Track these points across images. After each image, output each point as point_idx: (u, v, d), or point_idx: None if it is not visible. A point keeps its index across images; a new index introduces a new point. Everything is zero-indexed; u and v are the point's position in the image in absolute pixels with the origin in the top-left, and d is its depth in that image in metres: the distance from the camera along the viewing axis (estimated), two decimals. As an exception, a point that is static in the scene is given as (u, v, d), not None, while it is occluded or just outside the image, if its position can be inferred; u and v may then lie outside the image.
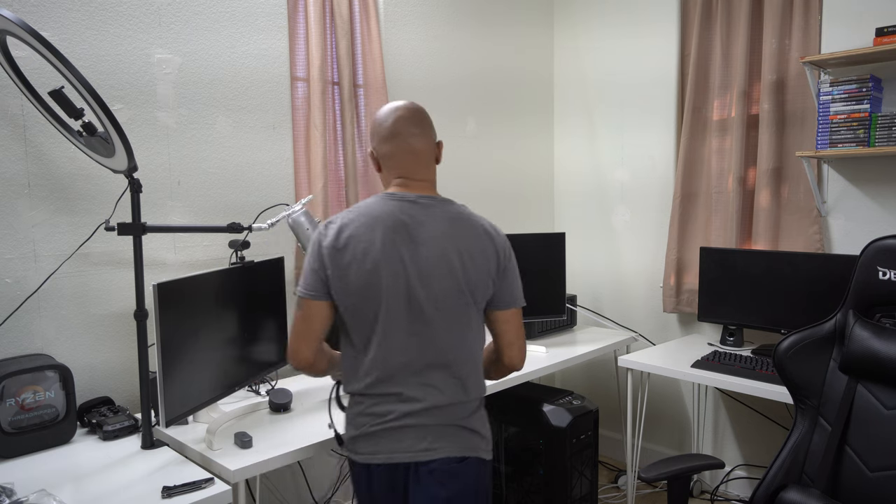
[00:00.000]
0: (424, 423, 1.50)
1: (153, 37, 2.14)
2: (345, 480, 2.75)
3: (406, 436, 1.49)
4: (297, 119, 2.53)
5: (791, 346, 1.71)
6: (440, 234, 1.51)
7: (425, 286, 1.49)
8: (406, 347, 1.50)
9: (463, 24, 3.15)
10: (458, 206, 1.59)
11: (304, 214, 1.99)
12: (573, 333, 3.07)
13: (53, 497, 1.44)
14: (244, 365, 2.05)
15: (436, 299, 1.50)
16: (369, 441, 1.51)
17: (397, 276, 1.48)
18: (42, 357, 1.89)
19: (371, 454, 1.51)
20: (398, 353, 1.50)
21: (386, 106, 1.58)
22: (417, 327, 1.50)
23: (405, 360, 1.50)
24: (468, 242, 1.53)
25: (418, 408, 1.50)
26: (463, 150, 3.20)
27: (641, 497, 3.04)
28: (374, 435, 1.51)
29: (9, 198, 1.88)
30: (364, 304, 1.50)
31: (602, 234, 3.50)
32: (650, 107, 3.24)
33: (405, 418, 1.49)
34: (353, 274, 1.48)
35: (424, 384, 1.51)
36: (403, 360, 1.50)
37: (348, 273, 1.48)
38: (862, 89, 2.40)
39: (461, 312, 1.52)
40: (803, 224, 2.71)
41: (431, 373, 1.51)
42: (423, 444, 1.49)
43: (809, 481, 1.62)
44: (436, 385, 1.51)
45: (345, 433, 1.60)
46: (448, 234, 1.52)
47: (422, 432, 1.50)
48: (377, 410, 1.51)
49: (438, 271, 1.50)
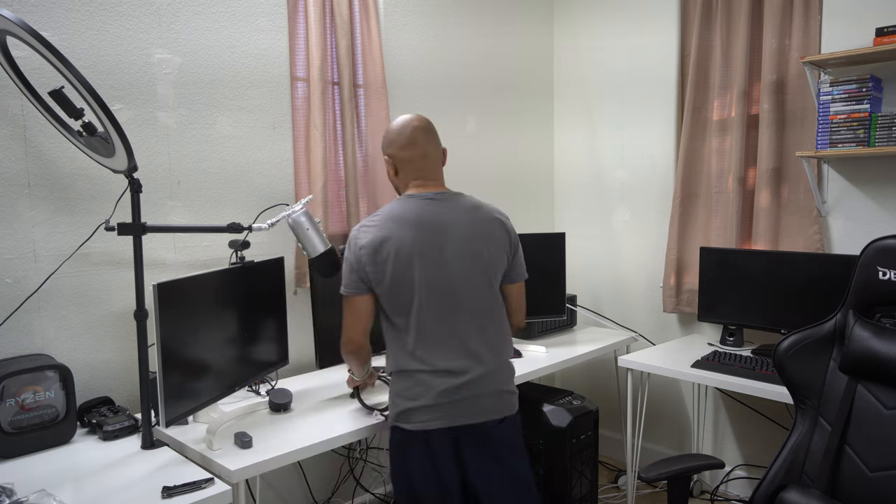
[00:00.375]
0: (474, 392, 1.73)
1: (153, 37, 2.14)
2: (345, 480, 2.75)
3: (458, 403, 1.71)
4: (297, 119, 2.53)
5: (791, 346, 1.71)
6: (461, 223, 1.76)
7: (456, 270, 1.73)
8: (446, 326, 1.72)
9: (463, 23, 3.15)
10: (468, 196, 1.85)
11: (304, 214, 1.99)
12: (573, 333, 3.07)
13: (53, 497, 1.44)
14: (244, 365, 2.05)
15: (466, 280, 1.74)
16: (425, 411, 1.71)
17: (430, 265, 1.71)
18: (42, 357, 1.89)
19: (425, 422, 1.71)
20: (440, 332, 1.72)
21: (400, 118, 1.82)
22: (454, 307, 1.73)
23: (447, 337, 1.72)
24: (485, 227, 1.79)
25: (466, 379, 1.72)
26: (463, 150, 3.20)
27: (641, 497, 3.04)
28: (429, 408, 1.70)
29: (9, 198, 1.88)
30: (404, 292, 1.71)
31: (602, 233, 3.50)
32: (650, 106, 3.24)
33: (457, 391, 1.71)
34: (391, 269, 1.70)
35: (467, 356, 1.73)
36: (445, 336, 1.72)
37: (386, 269, 1.71)
38: (862, 89, 2.40)
39: (487, 289, 1.78)
40: (803, 224, 2.71)
41: (471, 345, 1.74)
42: (474, 410, 1.72)
43: (809, 481, 1.62)
44: (477, 356, 1.74)
45: (392, 408, 1.77)
46: (468, 222, 1.77)
47: (471, 399, 1.72)
48: (431, 383, 1.71)
49: (466, 256, 1.75)
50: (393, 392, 1.79)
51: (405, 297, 1.72)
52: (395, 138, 1.80)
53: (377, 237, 1.72)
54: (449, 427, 1.71)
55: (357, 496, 2.81)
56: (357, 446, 2.77)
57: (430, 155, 1.81)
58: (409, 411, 1.73)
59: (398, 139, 1.80)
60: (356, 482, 2.80)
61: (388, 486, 2.90)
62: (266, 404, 2.08)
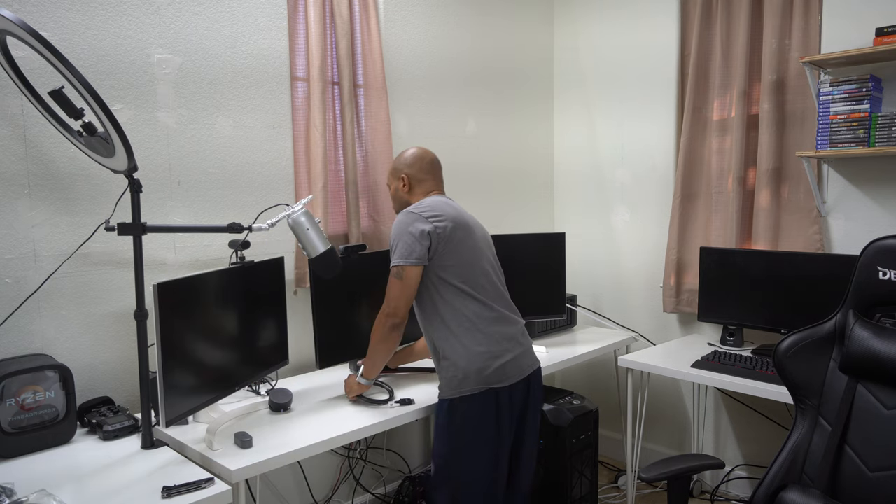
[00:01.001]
0: (524, 346, 2.07)
1: (153, 37, 2.14)
2: (345, 480, 2.75)
3: (520, 358, 2.03)
4: (297, 119, 2.52)
5: (791, 346, 1.71)
6: (473, 219, 2.16)
7: (488, 250, 2.14)
8: (496, 297, 2.06)
9: (463, 24, 3.15)
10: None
11: (304, 214, 1.99)
12: (573, 333, 3.07)
13: (53, 497, 1.44)
14: (244, 365, 2.05)
15: (493, 258, 2.15)
16: (500, 370, 1.96)
17: (480, 246, 2.09)
18: (42, 357, 1.89)
19: (500, 380, 1.96)
20: (495, 301, 2.05)
21: (420, 149, 2.19)
22: (495, 280, 2.09)
23: (499, 305, 2.06)
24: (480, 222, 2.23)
25: (518, 339, 2.05)
26: (463, 150, 3.20)
27: (641, 497, 3.04)
28: (503, 367, 1.97)
29: (9, 198, 1.88)
30: (476, 263, 2.06)
31: (602, 233, 3.50)
32: (650, 106, 3.24)
33: (515, 348, 2.02)
34: (464, 246, 2.03)
35: (511, 321, 2.07)
36: (498, 305, 2.05)
37: (461, 247, 2.02)
38: (862, 89, 2.40)
39: (499, 267, 2.18)
40: (803, 224, 2.71)
41: (509, 310, 2.09)
42: (528, 361, 2.06)
43: (809, 481, 1.62)
44: (515, 320, 2.09)
45: (465, 375, 1.94)
46: (474, 218, 2.19)
47: (525, 353, 2.07)
48: (495, 349, 1.98)
49: (488, 240, 2.18)
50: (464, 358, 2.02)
51: (478, 270, 2.05)
52: (419, 163, 2.16)
53: (445, 218, 2.01)
54: (522, 379, 2.08)
55: (357, 496, 2.81)
56: (357, 446, 2.78)
57: (441, 178, 2.23)
58: (489, 372, 1.99)
59: (421, 164, 2.16)
60: (356, 482, 2.80)
61: (389, 485, 2.90)
62: (266, 404, 2.08)
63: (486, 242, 2.15)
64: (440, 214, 2.01)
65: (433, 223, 1.98)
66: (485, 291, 2.03)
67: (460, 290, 2.00)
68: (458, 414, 1.94)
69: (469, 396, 1.93)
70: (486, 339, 1.97)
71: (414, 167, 2.16)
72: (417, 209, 2.02)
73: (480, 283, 2.03)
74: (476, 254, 2.05)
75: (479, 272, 2.04)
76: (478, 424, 1.94)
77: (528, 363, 2.07)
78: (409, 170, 2.16)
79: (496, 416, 1.96)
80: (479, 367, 1.94)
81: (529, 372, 2.06)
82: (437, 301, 1.99)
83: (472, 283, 2.01)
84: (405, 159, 2.17)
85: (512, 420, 2.01)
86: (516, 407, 2.02)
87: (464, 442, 1.94)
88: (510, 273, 2.79)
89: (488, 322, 2.00)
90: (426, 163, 2.17)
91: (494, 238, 2.78)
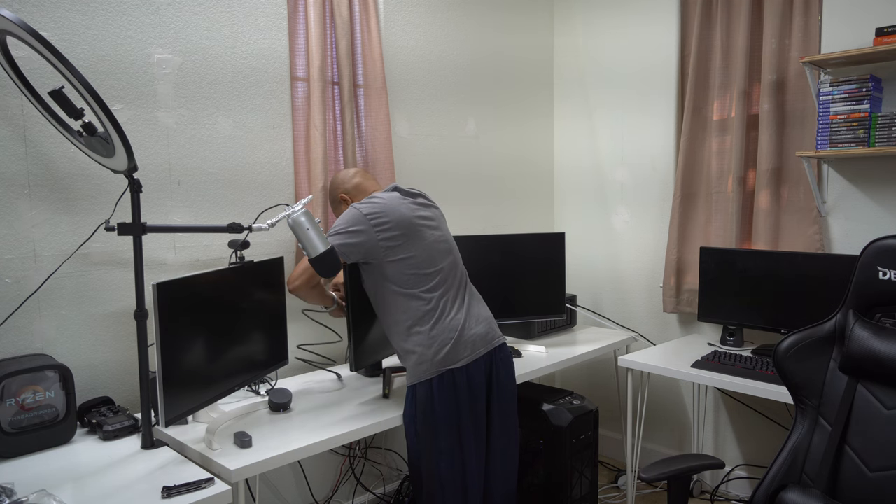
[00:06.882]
0: (481, 321, 2.08)
1: (153, 37, 2.14)
2: (345, 480, 2.75)
3: (476, 336, 2.05)
4: (297, 119, 2.53)
5: (791, 346, 1.71)
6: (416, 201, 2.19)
7: (437, 231, 2.14)
8: (460, 280, 2.12)
9: (463, 24, 3.15)
10: None
11: (304, 214, 1.99)
12: (573, 333, 3.07)
13: (53, 497, 1.44)
14: (244, 365, 2.05)
15: (445, 239, 2.16)
16: (453, 351, 1.98)
17: (424, 235, 2.09)
18: (42, 357, 1.89)
19: (455, 360, 1.98)
20: (457, 284, 2.10)
21: (340, 171, 2.32)
22: (445, 266, 2.10)
23: (459, 286, 2.11)
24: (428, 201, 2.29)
25: (475, 317, 2.08)
26: (463, 150, 3.20)
27: (641, 497, 3.04)
28: (455, 347, 1.99)
29: (9, 198, 1.88)
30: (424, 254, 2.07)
31: (602, 233, 3.50)
32: (650, 106, 3.24)
33: (474, 326, 2.05)
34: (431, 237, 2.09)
35: (464, 304, 2.09)
36: (459, 286, 2.11)
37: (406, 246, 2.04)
38: (862, 89, 2.40)
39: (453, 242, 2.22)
40: (803, 224, 2.71)
41: (469, 288, 2.16)
42: (488, 337, 2.07)
43: (809, 481, 1.62)
44: (469, 302, 2.11)
45: (424, 361, 1.97)
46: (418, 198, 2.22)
47: (483, 332, 2.07)
48: (452, 325, 2.01)
49: (438, 220, 2.20)
50: (420, 343, 2.07)
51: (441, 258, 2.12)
52: (354, 181, 2.25)
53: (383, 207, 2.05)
54: (485, 354, 2.13)
55: (357, 496, 2.81)
56: (357, 446, 2.77)
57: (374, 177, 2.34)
58: (446, 354, 2.02)
59: (354, 174, 2.26)
60: (356, 482, 2.80)
61: (389, 484, 2.90)
62: (266, 404, 2.08)
63: (435, 224, 2.13)
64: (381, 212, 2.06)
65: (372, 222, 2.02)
66: (429, 280, 2.04)
67: (404, 292, 2.01)
68: (418, 399, 1.98)
69: (427, 381, 1.97)
70: (440, 326, 2.00)
71: (349, 182, 2.25)
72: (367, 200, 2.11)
73: (426, 274, 2.04)
74: (424, 246, 2.07)
75: (425, 262, 2.05)
76: (436, 405, 1.96)
77: (489, 339, 2.07)
78: (344, 189, 2.24)
79: (454, 396, 1.97)
80: (435, 350, 1.97)
81: (491, 348, 2.06)
82: (390, 302, 2.02)
83: (417, 280, 2.02)
84: (339, 181, 2.26)
85: (473, 399, 2.01)
86: (477, 386, 2.01)
87: (425, 425, 1.96)
88: (510, 273, 2.79)
89: (439, 313, 2.02)
90: (359, 172, 2.28)
91: (495, 238, 2.78)
